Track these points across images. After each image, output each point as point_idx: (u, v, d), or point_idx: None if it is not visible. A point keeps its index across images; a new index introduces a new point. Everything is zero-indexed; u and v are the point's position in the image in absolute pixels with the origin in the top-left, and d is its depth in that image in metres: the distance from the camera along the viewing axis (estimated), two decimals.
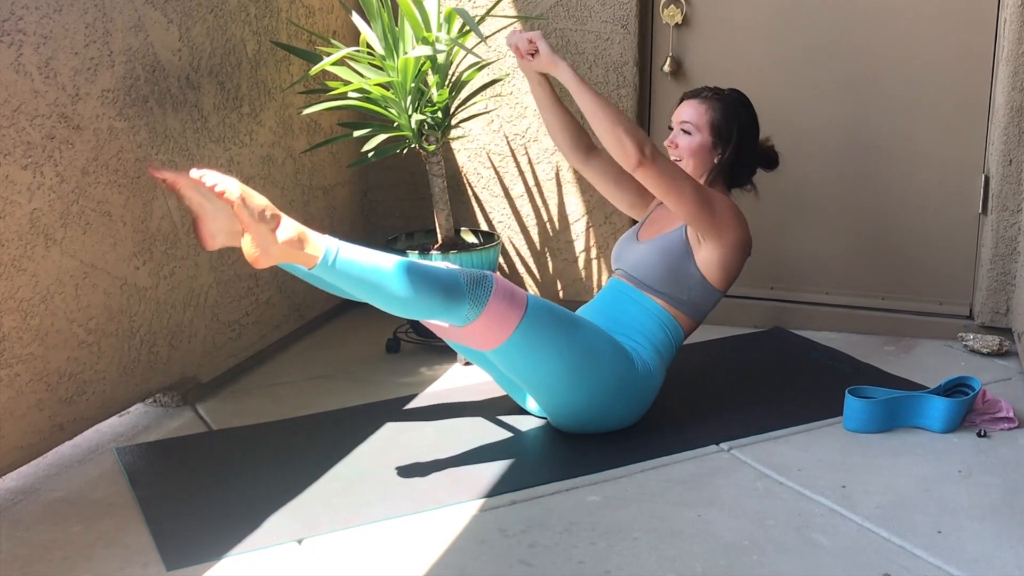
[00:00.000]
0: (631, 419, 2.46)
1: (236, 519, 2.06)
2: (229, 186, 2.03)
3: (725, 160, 2.58)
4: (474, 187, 3.50)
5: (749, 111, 2.62)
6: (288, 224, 2.11)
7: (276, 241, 2.08)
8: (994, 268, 3.05)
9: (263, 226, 2.07)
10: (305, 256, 2.12)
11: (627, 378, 2.38)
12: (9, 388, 2.15)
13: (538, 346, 2.28)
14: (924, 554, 1.93)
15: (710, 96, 2.60)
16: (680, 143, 2.59)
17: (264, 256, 2.09)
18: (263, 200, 2.08)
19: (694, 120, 2.58)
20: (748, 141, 2.62)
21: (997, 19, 3.02)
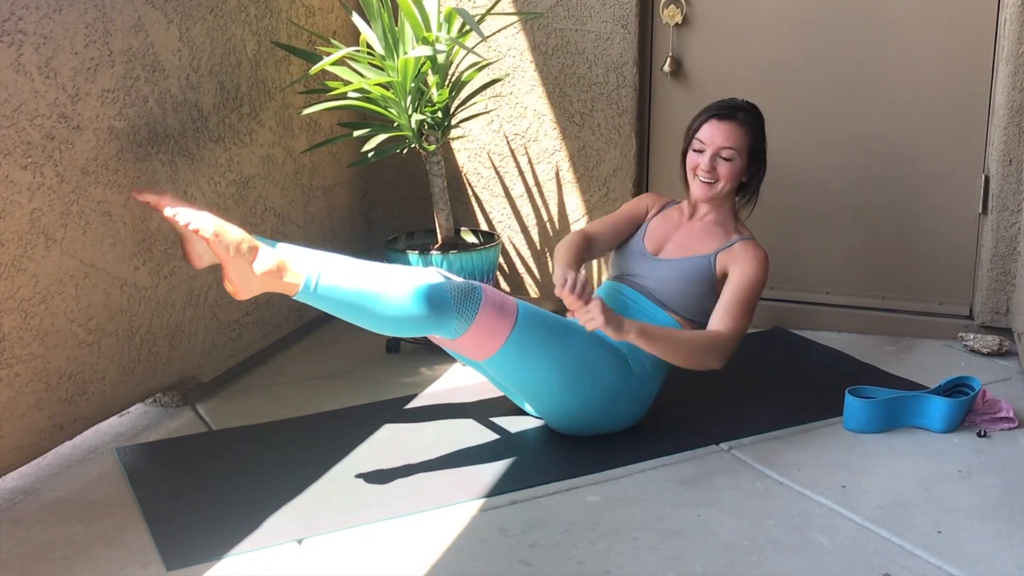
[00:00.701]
0: (630, 421, 2.46)
1: (236, 519, 2.06)
2: (202, 224, 2.04)
3: (756, 182, 2.61)
4: (474, 187, 3.50)
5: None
6: (266, 254, 2.10)
7: (254, 273, 2.08)
8: (994, 268, 3.05)
9: (240, 259, 2.07)
10: (285, 285, 2.11)
11: (623, 381, 2.38)
12: (9, 388, 2.15)
13: (530, 354, 2.27)
14: (924, 554, 1.93)
15: (747, 121, 2.57)
16: (722, 171, 2.54)
17: (244, 288, 2.10)
18: (238, 234, 2.07)
19: (737, 146, 2.54)
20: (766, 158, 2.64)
21: (997, 19, 3.02)
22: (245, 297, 2.12)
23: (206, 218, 2.06)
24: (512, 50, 3.35)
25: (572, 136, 3.36)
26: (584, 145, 3.36)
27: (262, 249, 2.10)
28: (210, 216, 2.07)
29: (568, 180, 3.40)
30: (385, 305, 2.14)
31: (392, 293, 2.14)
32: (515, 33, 3.34)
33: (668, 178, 3.41)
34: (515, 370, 2.31)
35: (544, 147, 3.40)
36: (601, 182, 3.36)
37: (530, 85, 3.36)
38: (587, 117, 3.34)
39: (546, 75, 3.35)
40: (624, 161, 3.33)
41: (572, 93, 3.33)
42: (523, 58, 3.35)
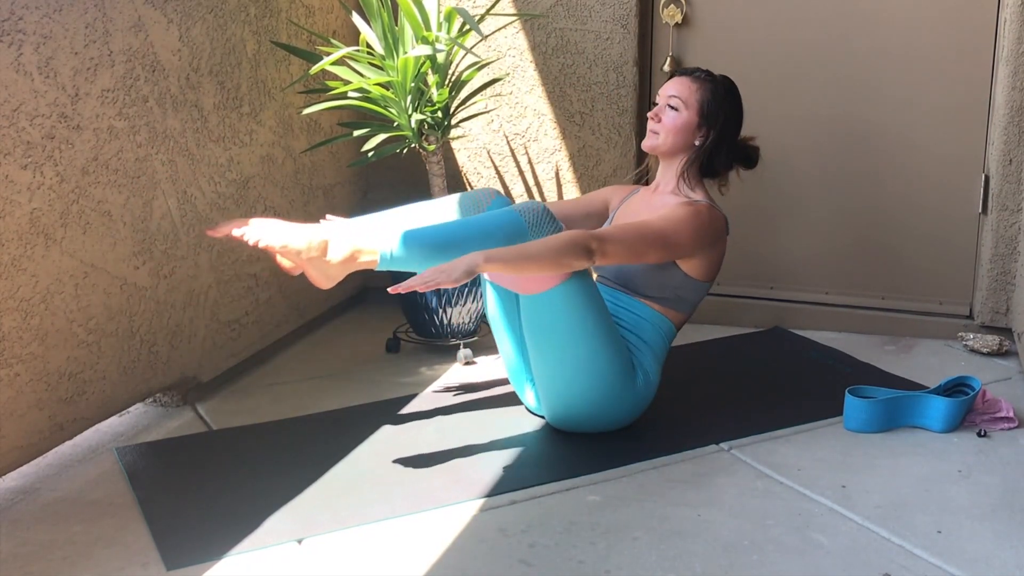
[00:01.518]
0: (625, 422, 2.46)
1: (236, 519, 2.06)
2: (269, 240, 2.15)
3: (707, 145, 2.52)
4: (474, 187, 3.50)
5: (738, 101, 2.57)
6: (337, 244, 2.18)
7: (331, 264, 2.18)
8: (994, 268, 3.05)
9: (313, 259, 2.16)
10: (364, 263, 2.20)
11: (626, 390, 2.38)
12: (9, 388, 2.15)
13: (571, 309, 2.26)
14: (924, 554, 1.93)
15: (703, 77, 2.54)
16: (664, 118, 2.52)
17: (326, 280, 2.21)
18: (304, 239, 2.16)
19: (683, 96, 2.51)
20: (732, 131, 2.55)
21: (997, 19, 3.02)
22: (330, 286, 2.23)
23: (271, 231, 2.14)
24: (512, 50, 3.36)
25: (572, 136, 3.36)
26: (584, 145, 3.36)
27: (332, 240, 2.17)
28: (275, 227, 2.16)
29: (568, 180, 3.40)
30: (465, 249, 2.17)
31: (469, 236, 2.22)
32: (515, 33, 3.34)
33: None
34: (549, 319, 2.29)
35: (544, 147, 3.40)
36: (601, 182, 3.36)
37: (530, 85, 3.36)
38: (587, 117, 3.34)
39: (546, 75, 3.35)
40: (624, 161, 3.33)
41: (572, 93, 3.34)
42: (523, 58, 3.35)
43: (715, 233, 2.46)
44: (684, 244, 2.39)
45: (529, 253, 2.17)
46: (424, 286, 2.06)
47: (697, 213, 2.42)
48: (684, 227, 2.39)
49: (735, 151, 2.57)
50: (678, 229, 2.38)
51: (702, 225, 2.42)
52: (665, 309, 2.48)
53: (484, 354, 3.03)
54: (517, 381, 2.59)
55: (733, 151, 2.57)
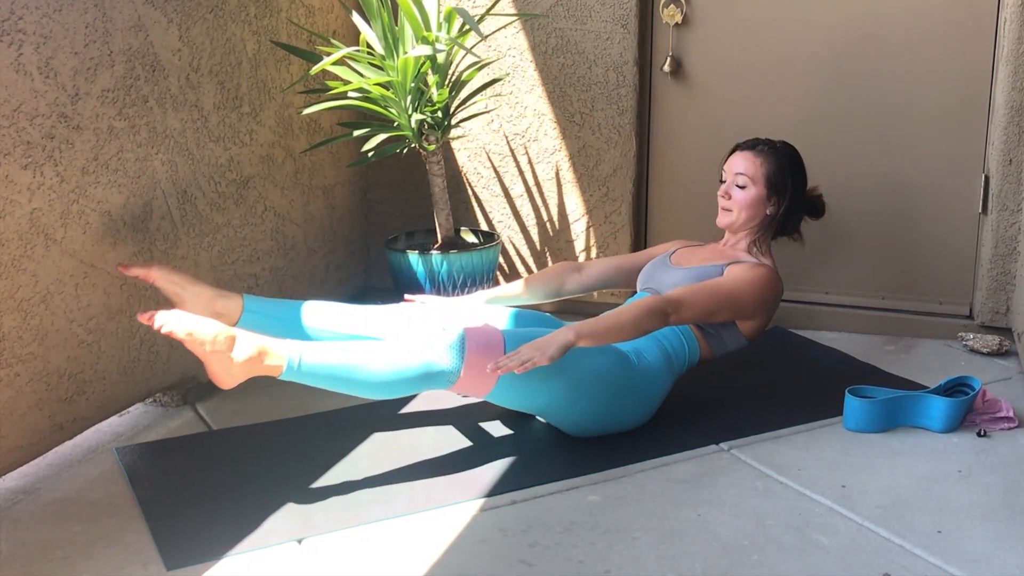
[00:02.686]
0: (638, 420, 2.46)
1: (236, 519, 2.06)
2: (174, 326, 2.03)
3: (779, 213, 2.65)
4: (474, 187, 3.50)
5: (801, 165, 2.70)
6: (244, 342, 2.06)
7: (235, 362, 2.06)
8: (994, 268, 3.05)
9: (217, 354, 2.05)
10: (269, 368, 2.08)
11: (626, 380, 2.37)
12: (9, 388, 2.15)
13: (525, 382, 2.24)
14: (924, 554, 1.93)
15: (765, 149, 2.65)
16: (735, 196, 2.64)
17: (227, 378, 2.09)
18: (211, 330, 2.04)
19: (750, 173, 2.63)
20: (799, 193, 2.68)
21: (997, 19, 3.02)
22: (230, 386, 2.10)
23: (178, 320, 2.04)
24: (512, 50, 3.36)
25: (572, 136, 3.36)
26: (584, 145, 3.36)
27: (240, 338, 2.06)
28: (181, 316, 2.06)
29: (568, 180, 3.40)
30: (372, 372, 2.12)
31: (377, 360, 2.12)
32: (515, 33, 3.34)
33: (668, 178, 3.41)
34: (517, 397, 2.30)
35: (544, 147, 3.40)
36: (601, 182, 3.36)
37: (530, 85, 3.36)
38: (587, 117, 3.34)
39: (546, 75, 3.35)
40: (624, 161, 3.33)
41: (572, 93, 3.34)
42: (523, 58, 3.35)
43: (776, 298, 2.61)
44: (751, 307, 2.54)
45: (614, 324, 2.28)
46: (521, 367, 2.12)
47: (766, 278, 2.56)
48: (754, 291, 2.54)
49: (804, 208, 2.73)
50: (747, 292, 2.53)
51: (768, 290, 2.57)
52: (701, 337, 2.55)
53: None
54: None
55: (802, 209, 2.72)
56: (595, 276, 2.85)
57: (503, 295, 2.80)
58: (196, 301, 2.36)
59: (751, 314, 2.55)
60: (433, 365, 2.14)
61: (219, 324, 2.07)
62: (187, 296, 2.36)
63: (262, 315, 2.42)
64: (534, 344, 2.17)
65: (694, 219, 3.29)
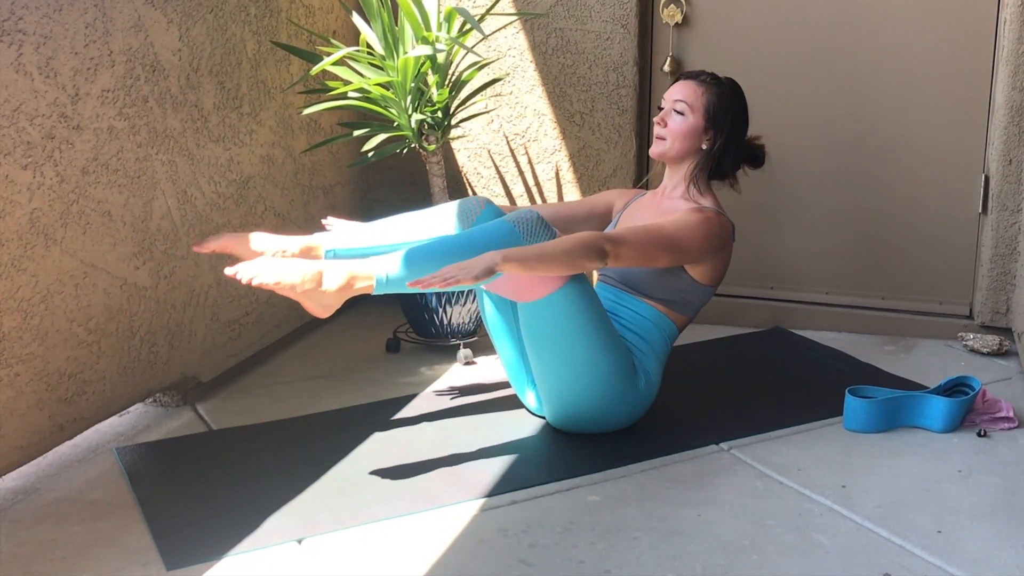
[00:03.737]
0: (627, 423, 2.46)
1: (236, 519, 2.06)
2: (263, 276, 2.10)
3: (715, 148, 2.52)
4: (474, 187, 3.50)
5: (743, 102, 2.58)
6: (331, 273, 2.14)
7: (327, 293, 2.14)
8: (994, 268, 3.05)
9: (308, 290, 2.13)
10: (361, 288, 2.17)
11: (628, 391, 2.38)
12: (9, 388, 2.15)
13: (570, 314, 2.26)
14: (924, 554, 1.93)
15: (708, 80, 2.55)
16: (670, 123, 2.52)
17: (323, 309, 2.18)
18: (298, 273, 2.12)
19: (689, 100, 2.51)
20: (739, 132, 2.56)
21: (997, 19, 3.02)
22: (327, 315, 2.20)
23: (265, 268, 2.11)
24: (512, 50, 3.36)
25: (572, 136, 3.36)
26: (584, 145, 3.36)
27: (326, 271, 2.14)
28: (269, 264, 2.12)
29: (568, 180, 3.40)
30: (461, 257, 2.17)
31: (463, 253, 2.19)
32: (515, 33, 3.34)
33: None
34: (548, 325, 2.29)
35: (544, 147, 3.40)
36: (601, 182, 3.36)
37: (530, 85, 3.36)
38: (587, 117, 3.34)
39: (546, 75, 3.35)
40: (624, 161, 3.33)
41: (572, 93, 3.34)
42: (523, 58, 3.35)
43: (723, 239, 2.47)
44: (694, 250, 2.41)
45: (545, 253, 2.20)
46: (443, 283, 2.09)
47: (708, 220, 2.43)
48: (695, 233, 2.40)
49: (742, 152, 2.59)
50: (689, 235, 2.40)
51: (712, 232, 2.43)
52: (668, 310, 2.48)
53: (484, 354, 3.03)
54: (518, 384, 2.59)
55: (741, 152, 2.58)
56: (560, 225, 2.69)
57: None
58: None
59: (698, 256, 2.42)
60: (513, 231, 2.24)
61: (303, 264, 2.14)
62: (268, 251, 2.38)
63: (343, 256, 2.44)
64: (459, 264, 2.14)
65: None
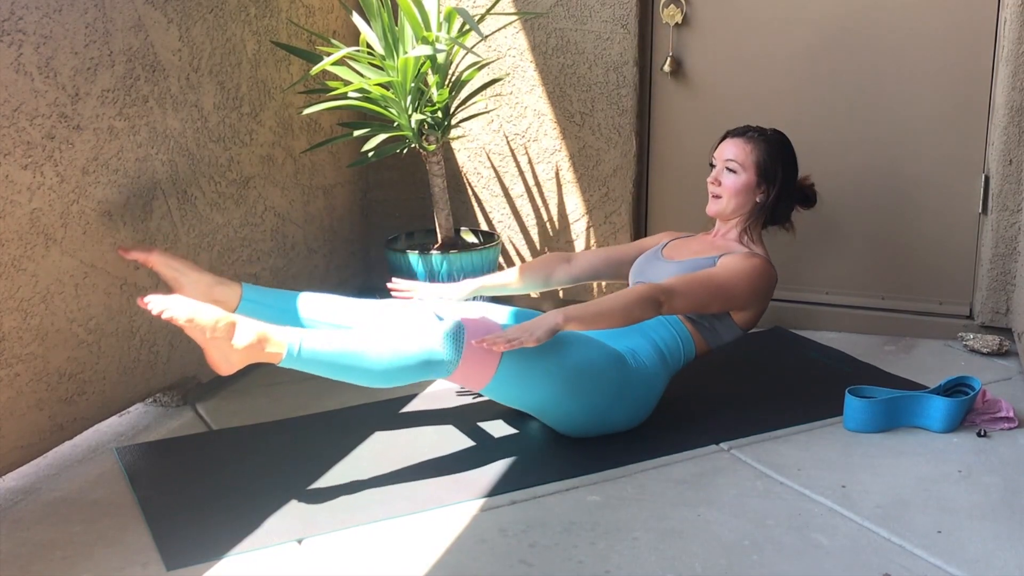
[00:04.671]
0: (634, 421, 2.45)
1: (236, 519, 2.06)
2: (175, 312, 2.03)
3: (769, 201, 2.63)
4: (474, 187, 3.50)
5: (791, 152, 2.68)
6: (244, 329, 2.06)
7: (235, 349, 2.05)
8: (994, 268, 3.05)
9: (217, 340, 2.04)
10: (269, 355, 2.07)
11: (623, 379, 2.37)
12: (9, 388, 2.15)
13: (526, 374, 2.25)
14: (924, 554, 1.93)
15: (755, 136, 2.64)
16: (724, 181, 2.63)
17: (226, 365, 2.08)
18: (212, 316, 2.04)
19: (740, 159, 2.61)
20: (790, 182, 2.67)
21: (997, 19, 3.02)
22: (227, 373, 2.10)
23: (179, 305, 2.04)
24: (512, 50, 3.36)
25: (572, 136, 3.36)
26: (584, 145, 3.36)
27: (240, 324, 2.06)
28: (182, 301, 2.05)
29: (568, 180, 3.40)
30: (372, 360, 2.12)
31: (377, 347, 2.12)
32: (515, 33, 3.34)
33: (668, 178, 3.41)
34: (515, 391, 2.30)
35: (544, 147, 3.40)
36: (601, 182, 3.36)
37: (530, 85, 3.36)
38: (587, 117, 3.34)
39: (546, 75, 3.35)
40: (624, 161, 3.33)
41: (572, 93, 3.34)
42: (523, 58, 3.35)
43: (769, 289, 2.58)
44: (742, 297, 2.51)
45: (603, 310, 2.28)
46: (508, 345, 2.13)
47: (759, 269, 2.54)
48: (746, 282, 2.51)
49: (794, 197, 2.70)
50: (740, 284, 2.50)
51: (762, 282, 2.54)
52: (696, 333, 2.53)
53: None
54: None
55: (792, 198, 2.70)
56: (584, 267, 2.83)
57: (493, 283, 2.79)
58: (195, 287, 2.36)
59: (744, 304, 2.53)
60: (433, 353, 2.15)
61: (219, 310, 2.07)
62: (186, 282, 2.36)
63: (260, 304, 2.42)
64: (522, 325, 2.19)
65: (694, 219, 3.29)
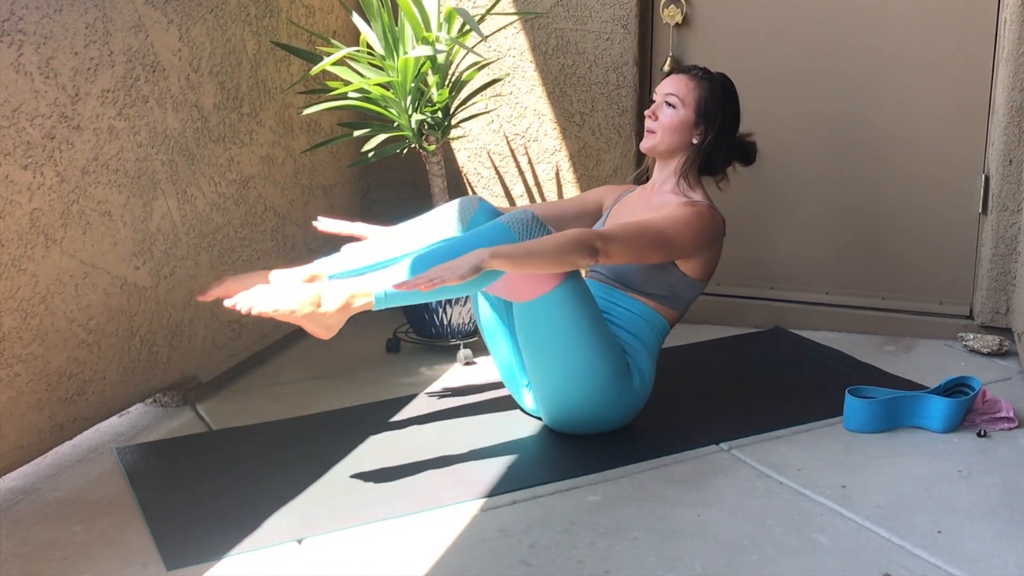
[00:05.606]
0: (622, 423, 2.46)
1: (236, 519, 2.06)
2: (261, 305, 2.09)
3: (705, 143, 2.51)
4: (474, 187, 3.50)
5: (735, 98, 2.57)
6: (330, 294, 2.13)
7: (327, 314, 2.13)
8: (994, 268, 3.05)
9: (308, 313, 2.11)
10: (361, 307, 2.16)
11: (623, 392, 2.37)
12: (9, 388, 2.15)
13: (565, 314, 2.25)
14: (924, 554, 1.93)
15: (700, 75, 2.54)
16: (661, 116, 2.51)
17: (326, 331, 2.17)
18: (295, 298, 2.10)
19: (681, 94, 2.50)
20: (730, 128, 2.55)
21: (997, 19, 3.02)
22: (330, 336, 2.19)
23: (263, 296, 2.09)
24: (512, 50, 3.36)
25: (572, 136, 3.36)
26: (584, 145, 3.36)
27: (324, 293, 2.12)
28: (265, 292, 2.11)
29: (568, 180, 3.40)
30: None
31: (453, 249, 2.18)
32: (515, 33, 3.34)
33: None
34: (543, 325, 2.28)
35: (544, 147, 3.40)
36: (601, 182, 3.36)
37: (530, 85, 3.36)
38: (587, 117, 3.34)
39: (546, 75, 3.35)
40: (624, 161, 3.33)
41: (572, 93, 3.34)
42: (523, 58, 3.35)
43: (715, 234, 2.46)
44: (685, 245, 2.40)
45: (534, 250, 2.18)
46: (429, 284, 2.06)
47: (699, 214, 2.42)
48: (686, 228, 2.39)
49: (733, 148, 2.58)
50: (680, 230, 2.38)
51: (704, 226, 2.42)
52: (659, 306, 2.47)
53: (484, 354, 3.03)
54: (513, 385, 2.58)
55: (731, 149, 2.57)
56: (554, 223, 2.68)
57: None
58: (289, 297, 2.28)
59: (688, 252, 2.41)
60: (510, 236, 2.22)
61: (300, 288, 2.13)
62: None
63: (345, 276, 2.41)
64: (445, 264, 2.13)
65: None
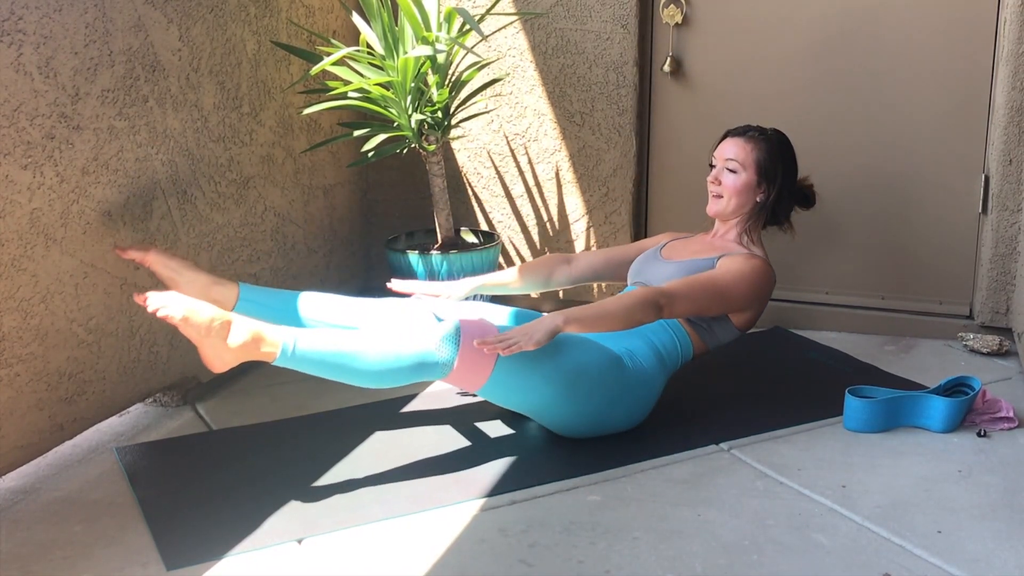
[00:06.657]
0: (633, 421, 2.45)
1: (236, 519, 2.06)
2: (171, 309, 2.02)
3: (769, 201, 2.64)
4: (474, 187, 3.50)
5: (791, 151, 2.68)
6: (239, 328, 2.05)
7: (229, 348, 2.05)
8: (994, 268, 3.05)
9: (211, 338, 2.04)
10: (263, 354, 2.07)
11: (621, 381, 2.37)
12: (9, 388, 2.15)
13: (522, 376, 2.25)
14: (924, 554, 1.93)
15: (756, 135, 2.64)
16: (724, 181, 2.63)
17: (219, 363, 2.08)
18: (207, 314, 2.04)
19: (740, 158, 2.61)
20: (790, 181, 2.67)
21: (997, 19, 3.02)
22: (220, 370, 2.10)
23: (175, 302, 2.03)
24: (512, 50, 3.36)
25: (572, 136, 3.36)
26: (584, 145, 3.36)
27: (235, 323, 2.06)
28: (178, 299, 2.05)
29: (568, 180, 3.40)
30: (367, 360, 2.11)
31: (373, 348, 2.12)
32: (515, 33, 3.34)
33: (668, 178, 3.41)
34: (511, 393, 2.30)
35: (544, 147, 3.40)
36: (601, 182, 3.36)
37: (530, 85, 3.36)
38: (587, 117, 3.34)
39: (546, 75, 3.35)
40: (624, 161, 3.33)
41: (572, 93, 3.34)
42: (523, 58, 3.35)
43: (769, 290, 2.59)
44: (743, 300, 2.52)
45: (605, 312, 2.28)
46: (507, 350, 2.12)
47: (759, 271, 2.54)
48: (747, 286, 2.52)
49: (794, 197, 2.71)
50: (741, 288, 2.51)
51: (761, 283, 2.55)
52: (692, 332, 2.53)
53: None
54: None
55: (792, 198, 2.70)
56: (584, 268, 2.84)
57: (493, 282, 2.78)
58: (192, 287, 2.35)
59: (744, 306, 2.53)
60: (428, 355, 2.14)
61: (215, 308, 2.06)
62: (183, 281, 2.36)
63: (258, 304, 2.42)
64: (521, 328, 2.18)
65: (694, 219, 3.29)
